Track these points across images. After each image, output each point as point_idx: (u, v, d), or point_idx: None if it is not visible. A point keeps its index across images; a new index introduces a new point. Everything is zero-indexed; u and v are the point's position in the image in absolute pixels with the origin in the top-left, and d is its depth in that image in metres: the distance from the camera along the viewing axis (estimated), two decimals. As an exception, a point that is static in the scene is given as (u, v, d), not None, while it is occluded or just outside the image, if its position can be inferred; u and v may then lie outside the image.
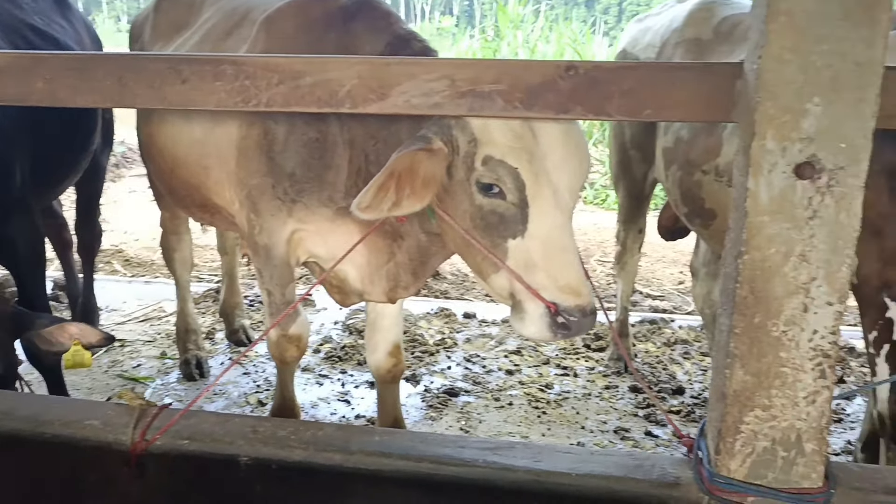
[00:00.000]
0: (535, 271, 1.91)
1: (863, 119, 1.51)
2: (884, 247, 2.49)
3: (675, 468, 1.83)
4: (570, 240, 1.94)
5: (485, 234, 2.00)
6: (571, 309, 1.88)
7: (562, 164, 1.93)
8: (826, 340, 1.63)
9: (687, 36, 3.31)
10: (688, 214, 3.32)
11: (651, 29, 3.66)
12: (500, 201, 1.95)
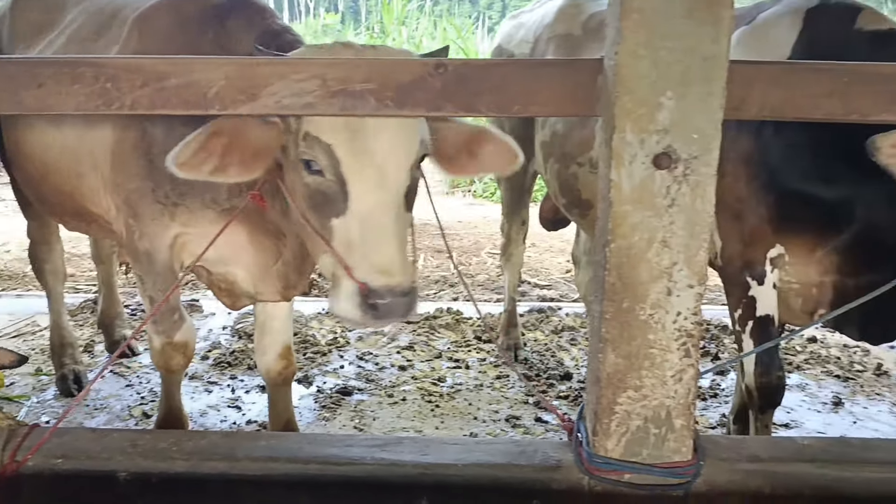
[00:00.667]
0: (353, 250, 1.90)
1: (712, 111, 1.61)
2: (744, 229, 2.64)
3: (556, 452, 1.89)
4: (390, 219, 1.91)
5: (314, 213, 1.98)
6: (380, 289, 1.85)
7: (387, 143, 1.90)
8: (689, 321, 1.72)
9: (558, 32, 3.41)
10: (566, 205, 3.42)
11: (524, 25, 3.75)
12: (322, 179, 1.94)
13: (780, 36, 2.55)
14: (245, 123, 1.95)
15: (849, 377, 4.09)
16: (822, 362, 4.26)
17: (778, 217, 2.57)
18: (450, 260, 6.67)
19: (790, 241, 2.58)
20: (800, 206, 2.52)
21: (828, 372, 4.15)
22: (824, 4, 2.56)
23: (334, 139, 1.91)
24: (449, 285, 5.97)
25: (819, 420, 3.64)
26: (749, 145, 2.58)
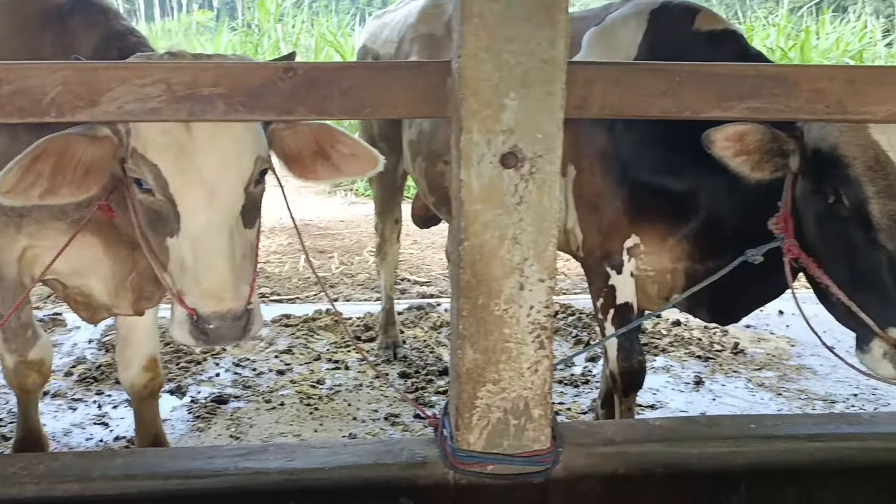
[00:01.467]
0: (185, 273, 1.85)
1: (553, 111, 1.67)
2: (602, 221, 2.76)
3: (423, 449, 1.91)
4: (222, 241, 1.83)
5: (152, 231, 1.92)
6: (208, 315, 1.81)
7: (217, 162, 1.83)
8: (542, 314, 1.78)
9: (421, 31, 3.45)
10: (435, 203, 3.47)
11: (388, 25, 3.77)
12: (153, 198, 1.87)
13: (627, 36, 2.68)
14: (73, 141, 1.86)
15: (709, 357, 4.33)
16: (685, 344, 4.50)
17: (632, 209, 2.70)
18: (323, 261, 6.64)
19: (644, 231, 2.72)
20: (651, 198, 2.65)
21: (690, 353, 4.39)
22: (665, 6, 2.71)
23: (161, 159, 1.82)
24: (329, 286, 5.93)
25: (682, 399, 3.84)
26: (603, 141, 2.70)
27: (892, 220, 1.95)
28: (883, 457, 1.97)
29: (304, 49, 13.61)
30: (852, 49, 11.21)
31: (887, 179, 1.95)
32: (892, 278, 1.94)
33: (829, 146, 2.03)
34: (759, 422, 2.04)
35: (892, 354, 1.94)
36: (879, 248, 1.96)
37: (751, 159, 2.11)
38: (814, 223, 2.12)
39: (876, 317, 1.96)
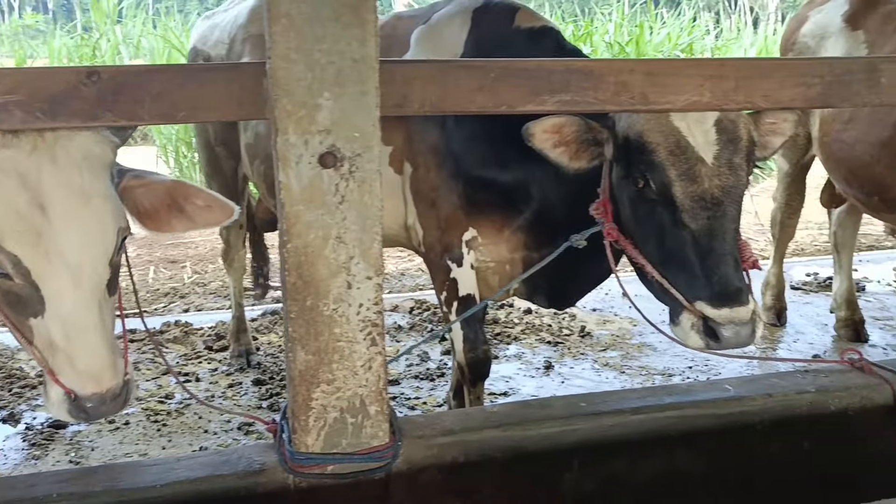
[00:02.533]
0: (56, 353, 1.74)
1: (369, 109, 1.68)
2: (440, 216, 2.81)
3: (261, 455, 1.88)
4: (93, 318, 1.73)
5: (11, 311, 1.78)
6: (88, 397, 1.73)
7: (80, 243, 1.72)
8: (371, 311, 1.80)
9: (252, 32, 3.38)
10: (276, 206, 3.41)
11: (219, 26, 3.68)
12: (11, 282, 1.73)
13: (452, 34, 2.74)
14: None
15: (558, 342, 4.50)
16: (536, 331, 4.65)
17: (468, 203, 2.76)
18: (175, 271, 6.41)
19: (481, 224, 2.79)
20: (485, 192, 2.72)
21: (541, 339, 4.54)
22: (487, 4, 2.79)
23: (20, 248, 1.68)
24: (180, 296, 5.73)
25: (533, 385, 3.97)
26: (436, 138, 2.74)
27: (694, 200, 2.08)
28: (700, 423, 2.11)
29: (147, 52, 13.02)
30: (682, 43, 11.92)
31: (688, 163, 2.08)
32: (695, 255, 2.07)
33: (635, 133, 2.15)
34: (588, 400, 2.14)
35: (699, 326, 2.06)
36: (684, 227, 2.09)
37: (569, 150, 2.21)
38: (628, 207, 2.23)
39: (684, 291, 2.09)
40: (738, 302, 2.02)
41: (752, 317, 2.03)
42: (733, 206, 2.11)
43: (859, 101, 2.17)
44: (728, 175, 2.10)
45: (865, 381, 2.25)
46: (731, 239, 2.08)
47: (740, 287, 2.05)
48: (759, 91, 2.07)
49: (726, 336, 2.02)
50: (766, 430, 2.16)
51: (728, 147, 2.10)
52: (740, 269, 2.09)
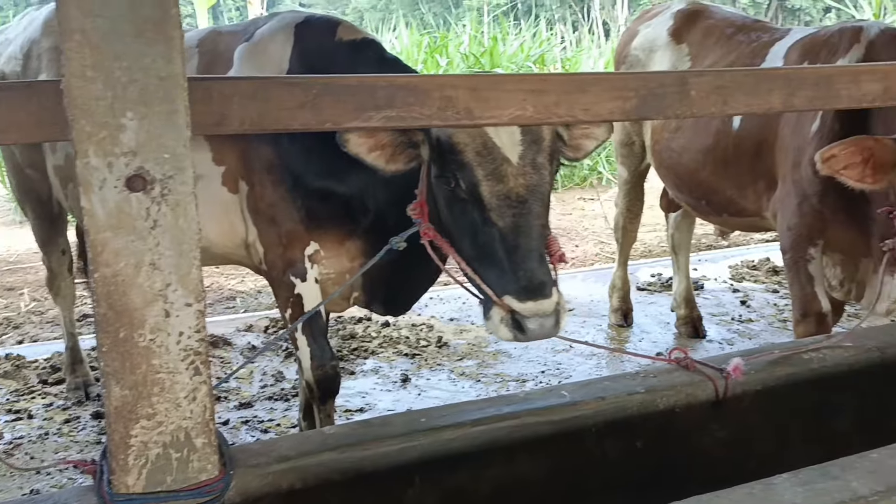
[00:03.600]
0: None
1: (178, 129, 1.60)
2: (280, 232, 2.75)
3: (80, 499, 1.77)
4: None
5: None
6: None
7: None
8: (193, 339, 1.71)
9: (46, 46, 3.21)
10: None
11: (12, 41, 3.46)
12: None
13: (277, 50, 2.71)
14: None
15: (416, 353, 4.51)
16: (393, 344, 4.64)
17: (307, 217, 2.72)
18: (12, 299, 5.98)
19: (322, 237, 2.76)
20: (323, 204, 2.69)
21: (398, 352, 4.54)
22: (308, 20, 2.78)
23: None
24: (13, 326, 5.33)
25: (390, 398, 3.96)
26: (271, 154, 2.68)
27: (500, 199, 2.13)
28: (538, 430, 2.15)
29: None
30: (534, 54, 12.30)
31: (494, 163, 2.13)
32: (503, 252, 2.12)
33: (446, 135, 2.19)
34: (428, 415, 2.13)
35: (507, 319, 2.10)
36: (492, 225, 2.13)
37: (384, 153, 2.22)
38: (443, 207, 2.27)
39: (494, 287, 2.13)
40: (542, 295, 2.08)
41: (555, 308, 2.10)
42: (538, 203, 2.17)
43: (672, 113, 2.29)
44: (532, 174, 2.16)
45: (690, 378, 2.36)
46: (536, 235, 2.15)
47: (545, 281, 2.11)
48: (579, 105, 2.13)
49: (531, 328, 2.08)
50: (600, 431, 2.23)
51: (532, 147, 2.17)
52: (546, 264, 2.16)
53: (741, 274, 6.04)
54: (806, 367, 2.48)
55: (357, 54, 2.66)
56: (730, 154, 3.57)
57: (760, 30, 3.78)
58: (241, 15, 15.65)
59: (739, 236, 7.12)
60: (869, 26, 3.17)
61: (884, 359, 2.57)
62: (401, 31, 13.54)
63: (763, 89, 2.34)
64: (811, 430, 2.51)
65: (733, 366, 2.36)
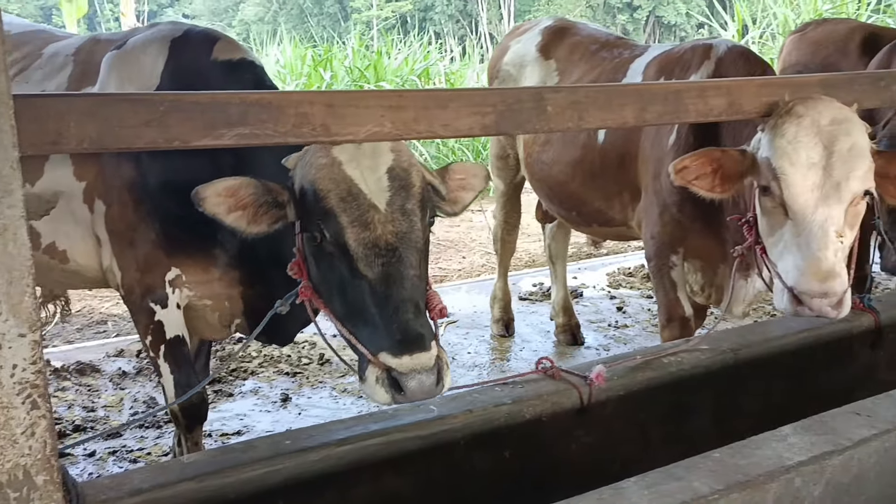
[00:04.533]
0: None
1: (4, 150, 1.51)
2: (139, 256, 2.64)
3: None
4: None
5: None
6: None
7: None
8: (29, 372, 1.61)
9: None
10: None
11: None
12: None
13: (148, 64, 2.60)
14: None
15: (297, 372, 4.43)
16: (274, 363, 4.55)
17: (168, 241, 2.62)
18: None
19: (184, 262, 2.65)
20: (184, 229, 2.59)
21: (279, 371, 4.45)
22: (187, 34, 2.68)
23: None
24: None
25: (269, 419, 3.87)
26: (131, 173, 2.58)
27: (367, 247, 1.98)
28: (407, 446, 2.15)
29: None
30: (418, 68, 12.40)
31: (359, 209, 2.00)
32: (375, 305, 1.98)
33: (309, 182, 2.05)
34: (294, 437, 2.09)
35: (384, 379, 1.93)
36: (361, 276, 1.98)
37: (246, 214, 2.07)
38: (313, 263, 2.13)
39: (367, 344, 1.98)
40: (419, 348, 1.91)
41: (435, 363, 1.93)
42: (410, 252, 2.02)
43: (531, 128, 2.34)
44: (402, 221, 2.02)
45: (555, 387, 2.41)
46: (410, 285, 2.00)
47: (422, 333, 1.94)
48: (438, 121, 2.15)
49: (410, 387, 1.90)
50: (468, 444, 2.25)
51: (400, 193, 2.04)
52: (423, 316, 2.02)
53: (618, 281, 6.25)
54: (665, 371, 2.58)
55: (231, 75, 2.56)
56: (596, 166, 3.68)
57: (622, 46, 3.94)
58: (119, 27, 15.08)
59: (617, 244, 7.38)
60: (718, 44, 3.36)
61: (737, 359, 2.71)
62: (285, 46, 13.37)
63: (616, 104, 2.44)
64: (672, 431, 2.61)
65: (596, 373, 2.43)
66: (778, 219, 2.54)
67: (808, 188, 2.46)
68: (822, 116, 2.52)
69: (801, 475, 1.70)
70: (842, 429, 1.87)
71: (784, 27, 10.73)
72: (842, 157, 2.46)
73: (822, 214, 2.44)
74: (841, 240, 2.45)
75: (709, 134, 3.18)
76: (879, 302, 3.09)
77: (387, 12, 42.01)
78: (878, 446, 1.83)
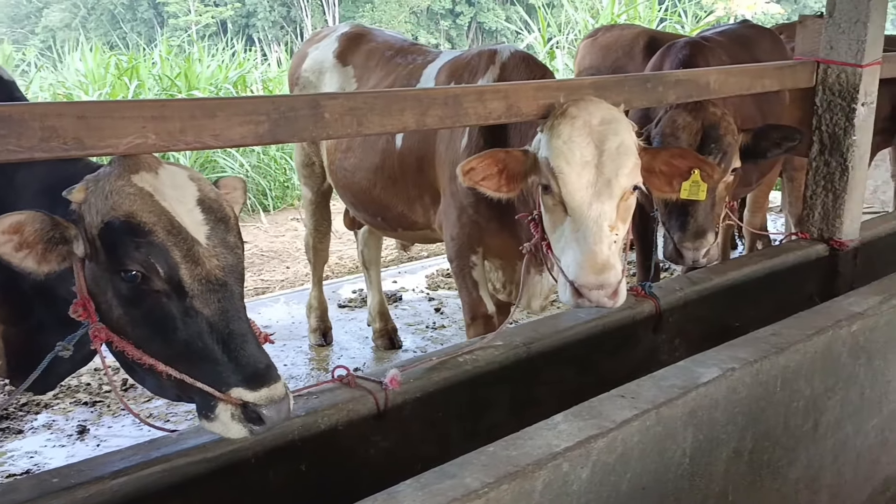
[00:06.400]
0: None
1: None
2: None
3: None
4: None
5: None
6: None
7: None
8: None
9: None
10: None
11: None
12: None
13: None
14: None
15: (97, 401, 4.16)
16: (71, 393, 4.24)
17: None
18: None
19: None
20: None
21: (77, 401, 4.15)
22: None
23: None
24: None
25: (63, 454, 3.61)
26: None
27: (202, 283, 1.89)
28: (191, 471, 2.06)
29: None
30: (233, 76, 12.02)
31: (186, 244, 1.88)
32: (217, 342, 1.88)
33: (122, 216, 1.88)
34: (61, 474, 1.94)
35: (240, 414, 1.87)
36: (196, 314, 1.88)
37: (34, 252, 1.88)
38: (119, 306, 1.95)
39: (213, 382, 1.88)
40: (272, 379, 1.89)
41: (287, 390, 1.94)
42: (239, 285, 1.97)
43: (308, 136, 2.32)
44: (226, 255, 1.95)
45: (351, 395, 2.40)
46: (245, 318, 1.95)
47: (270, 363, 1.92)
48: (207, 131, 2.08)
49: (270, 416, 1.88)
50: (260, 461, 2.18)
51: (219, 226, 1.96)
52: (261, 346, 1.97)
53: (437, 283, 6.35)
54: (461, 370, 2.64)
55: None
56: (396, 171, 3.72)
57: (416, 52, 3.99)
58: None
59: (439, 246, 7.51)
60: (502, 49, 3.48)
61: (530, 353, 2.81)
62: (85, 53, 12.52)
63: (396, 109, 2.46)
64: (471, 427, 2.67)
65: (390, 377, 2.44)
66: (559, 215, 2.66)
67: (583, 186, 2.59)
68: (592, 117, 2.66)
69: (568, 460, 1.78)
70: (607, 412, 1.97)
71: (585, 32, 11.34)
72: (611, 155, 2.61)
73: (596, 210, 2.57)
74: (615, 233, 2.60)
75: (499, 135, 3.28)
76: (660, 289, 3.31)
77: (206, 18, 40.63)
78: (639, 426, 1.95)
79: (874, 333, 2.74)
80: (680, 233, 3.46)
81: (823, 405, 2.59)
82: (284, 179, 10.53)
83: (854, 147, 3.84)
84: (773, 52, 4.75)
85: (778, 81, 3.76)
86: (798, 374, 2.45)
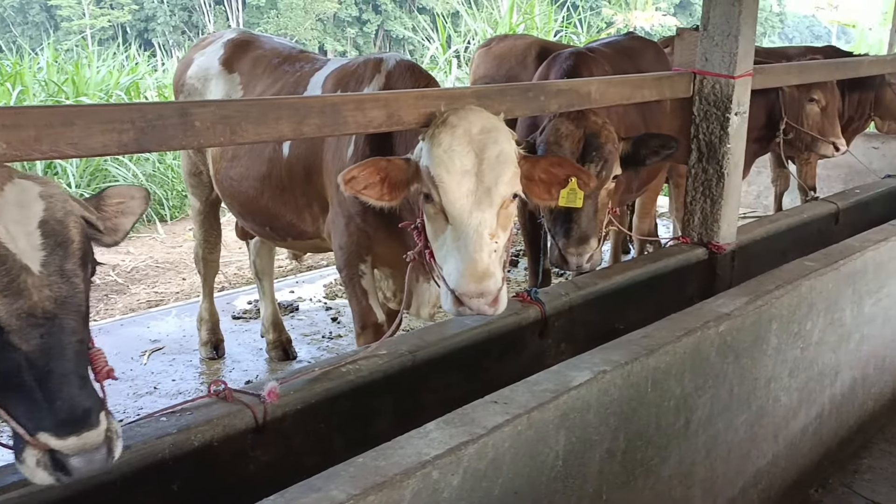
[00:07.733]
0: None
1: None
2: None
3: None
4: None
5: None
6: None
7: None
8: None
9: None
10: None
11: None
12: None
13: None
14: None
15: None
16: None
17: None
18: None
19: None
20: None
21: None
22: None
23: None
24: None
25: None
26: None
27: (21, 318, 1.75)
28: (48, 497, 1.96)
29: None
30: (124, 81, 11.63)
31: (10, 275, 1.75)
32: (33, 381, 1.75)
33: None
34: None
35: (45, 461, 1.75)
36: (14, 350, 1.75)
37: None
38: None
39: (25, 423, 1.75)
40: (86, 426, 1.76)
41: (106, 436, 1.79)
42: (71, 317, 1.82)
43: (177, 145, 2.26)
44: (61, 284, 1.80)
45: (228, 409, 2.34)
46: (73, 355, 1.80)
47: (89, 407, 1.78)
48: (64, 139, 2.00)
49: (76, 466, 1.74)
50: (127, 482, 2.10)
51: (58, 251, 1.82)
52: (89, 386, 1.82)
53: (335, 292, 6.29)
54: (344, 380, 2.61)
55: None
56: (284, 180, 3.66)
57: (304, 60, 3.95)
58: None
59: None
60: (388, 58, 3.48)
61: (415, 360, 2.81)
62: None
63: (271, 118, 2.43)
64: (356, 437, 2.64)
65: (268, 390, 2.39)
66: (440, 224, 2.67)
67: (464, 194, 2.61)
68: (472, 126, 2.68)
69: (438, 468, 1.79)
70: (480, 418, 1.99)
71: (483, 41, 11.53)
72: (491, 163, 2.64)
73: (476, 219, 2.60)
74: (495, 241, 2.63)
75: (385, 144, 3.28)
76: (546, 294, 3.38)
77: (102, 22, 39.18)
78: (511, 431, 1.97)
79: (741, 333, 2.86)
80: (564, 239, 3.54)
81: (694, 403, 2.69)
82: (182, 189, 10.25)
83: (729, 154, 4.01)
84: (656, 64, 4.93)
85: (657, 91, 3.90)
86: (668, 374, 2.54)
